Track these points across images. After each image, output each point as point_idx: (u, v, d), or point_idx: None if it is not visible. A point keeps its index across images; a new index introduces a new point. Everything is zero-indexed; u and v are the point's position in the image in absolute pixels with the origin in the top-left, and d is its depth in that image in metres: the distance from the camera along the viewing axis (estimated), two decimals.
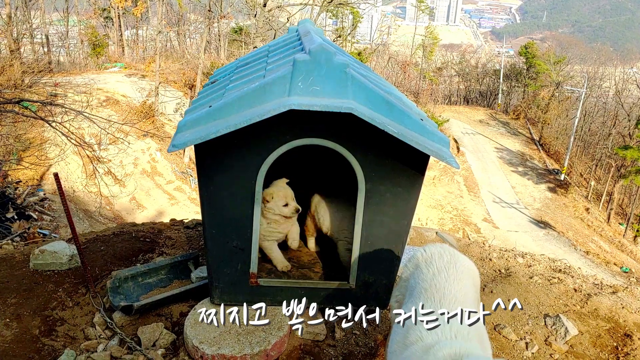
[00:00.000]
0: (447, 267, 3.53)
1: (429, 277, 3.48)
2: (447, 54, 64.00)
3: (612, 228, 35.50)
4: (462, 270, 3.55)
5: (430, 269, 3.55)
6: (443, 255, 3.66)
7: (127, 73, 37.19)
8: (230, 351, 4.44)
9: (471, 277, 3.61)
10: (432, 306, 3.21)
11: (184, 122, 4.18)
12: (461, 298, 3.29)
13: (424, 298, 3.31)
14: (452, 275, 3.45)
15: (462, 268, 3.58)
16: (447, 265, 3.54)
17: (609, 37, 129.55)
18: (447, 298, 3.26)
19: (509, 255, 6.92)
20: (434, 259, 3.64)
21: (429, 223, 30.86)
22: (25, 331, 4.81)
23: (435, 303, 3.24)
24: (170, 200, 26.15)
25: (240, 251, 4.79)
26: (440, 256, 3.65)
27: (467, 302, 3.28)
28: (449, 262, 3.58)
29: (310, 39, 4.88)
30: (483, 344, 3.13)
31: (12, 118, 17.55)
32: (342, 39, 44.63)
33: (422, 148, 4.10)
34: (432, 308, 3.19)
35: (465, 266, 3.65)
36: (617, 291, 6.04)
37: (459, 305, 3.19)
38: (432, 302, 3.25)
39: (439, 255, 3.66)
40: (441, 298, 3.26)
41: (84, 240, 6.59)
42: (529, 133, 47.89)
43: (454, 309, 3.13)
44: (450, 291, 3.31)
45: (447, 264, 3.56)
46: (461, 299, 3.27)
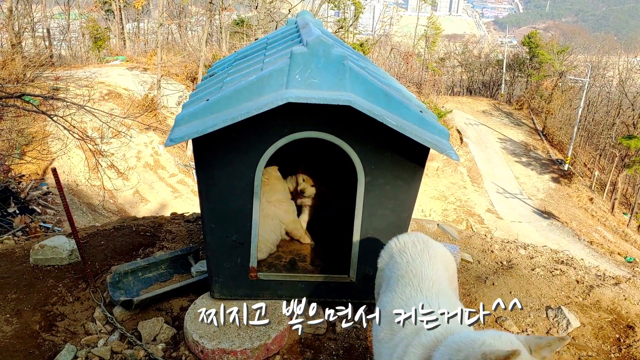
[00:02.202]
0: (420, 254, 3.62)
1: (404, 264, 3.57)
2: (449, 44, 63.68)
3: (616, 218, 35.37)
4: (434, 255, 3.63)
5: (404, 257, 3.63)
6: (416, 244, 3.73)
7: (128, 66, 37.11)
8: (231, 345, 4.43)
9: (444, 262, 3.68)
10: (412, 291, 3.31)
11: (182, 116, 4.15)
12: (437, 281, 3.39)
13: (402, 284, 3.40)
14: (426, 261, 3.54)
15: (435, 254, 3.66)
16: (421, 252, 3.63)
17: (613, 26, 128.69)
18: (425, 282, 3.36)
19: (511, 247, 6.89)
20: (408, 247, 3.72)
21: (432, 214, 30.80)
22: (26, 326, 4.81)
23: (414, 287, 3.34)
24: (173, 194, 26.15)
25: (239, 245, 4.77)
26: (414, 244, 3.73)
27: (442, 285, 3.40)
28: (422, 249, 3.66)
29: (308, 30, 4.83)
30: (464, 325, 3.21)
31: (14, 112, 17.52)
32: (344, 30, 44.41)
33: (421, 140, 4.07)
34: (412, 293, 3.30)
35: (438, 252, 3.72)
36: (619, 282, 6.00)
37: (437, 287, 3.32)
38: (412, 287, 3.35)
39: (412, 244, 3.74)
40: (419, 282, 3.36)
41: (85, 234, 6.58)
42: (533, 123, 47.68)
43: (432, 292, 3.27)
44: (427, 275, 3.41)
45: (420, 251, 3.65)
46: (437, 282, 3.38)
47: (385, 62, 47.09)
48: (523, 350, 2.51)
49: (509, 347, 2.51)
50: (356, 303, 5.14)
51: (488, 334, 2.65)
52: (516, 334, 2.69)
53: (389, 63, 47.87)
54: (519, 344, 2.58)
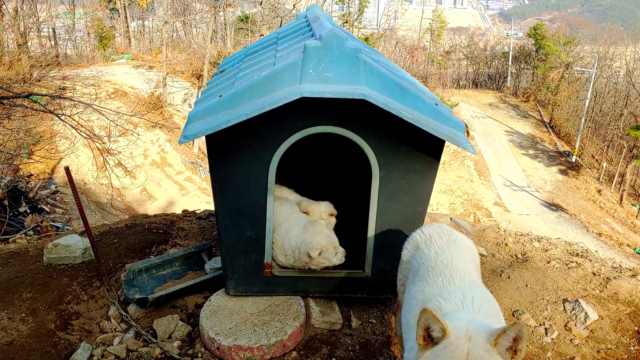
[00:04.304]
0: (447, 245, 3.61)
1: (432, 255, 3.56)
2: (455, 37, 63.48)
3: (625, 209, 35.20)
4: (462, 247, 3.63)
5: (432, 248, 3.62)
6: (442, 235, 3.72)
7: (134, 64, 37.18)
8: (247, 342, 4.41)
9: (470, 254, 3.68)
10: (445, 282, 3.30)
11: (195, 113, 4.12)
12: (468, 273, 3.38)
13: (434, 275, 3.38)
14: (454, 252, 3.53)
15: (462, 245, 3.65)
16: (448, 244, 3.62)
17: (619, 16, 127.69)
18: (457, 273, 3.34)
19: (525, 240, 6.84)
20: (434, 238, 3.71)
21: (439, 208, 30.75)
22: (41, 325, 4.80)
23: (446, 278, 3.32)
24: (180, 191, 26.20)
25: (254, 242, 4.75)
26: (439, 236, 3.72)
27: (472, 276, 3.38)
28: (448, 240, 3.66)
29: (320, 24, 4.79)
30: (498, 318, 3.20)
31: (22, 112, 17.54)
32: (348, 24, 44.33)
33: (437, 133, 4.03)
34: (445, 283, 3.28)
35: (464, 243, 3.72)
36: (636, 274, 5.94)
37: (468, 279, 3.30)
38: (444, 278, 3.33)
39: (437, 235, 3.73)
40: (451, 273, 3.34)
41: (97, 233, 6.58)
42: (539, 115, 47.49)
43: (465, 283, 3.25)
44: (457, 266, 3.39)
45: (447, 242, 3.64)
46: (469, 274, 3.37)
47: (391, 56, 46.96)
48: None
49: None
50: (372, 298, 5.15)
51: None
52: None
53: (394, 57, 47.74)
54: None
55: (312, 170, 6.16)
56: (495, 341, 2.45)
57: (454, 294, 3.12)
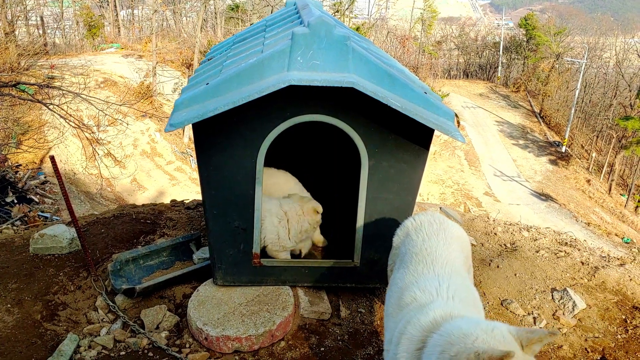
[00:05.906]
0: (436, 233, 3.63)
1: (419, 242, 3.57)
2: (446, 27, 63.35)
3: (614, 199, 35.46)
4: (450, 236, 3.64)
5: (420, 235, 3.64)
6: (432, 223, 3.74)
7: (123, 54, 36.87)
8: (235, 332, 4.38)
9: (460, 243, 3.68)
10: (425, 268, 3.31)
11: (181, 101, 4.06)
12: (451, 261, 3.39)
13: (416, 262, 3.41)
14: (441, 241, 3.55)
15: (451, 234, 3.66)
16: (437, 232, 3.64)
17: (610, 7, 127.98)
18: (438, 261, 3.36)
19: (514, 229, 6.84)
20: (424, 226, 3.73)
21: (430, 198, 30.81)
22: (27, 316, 4.75)
23: (427, 265, 3.34)
24: (171, 181, 26.06)
25: (242, 231, 4.71)
26: (430, 223, 3.74)
27: (456, 265, 3.39)
28: (438, 229, 3.68)
29: (308, 11, 4.74)
30: (476, 307, 3.21)
31: (10, 101, 17.38)
32: (339, 14, 44.06)
33: (426, 122, 4.00)
34: (424, 270, 3.30)
35: (454, 232, 3.73)
36: (624, 263, 5.97)
37: (450, 267, 3.32)
38: (424, 265, 3.35)
39: (428, 223, 3.75)
40: (433, 260, 3.36)
41: (84, 223, 6.52)
42: (530, 106, 47.61)
43: (445, 271, 3.27)
44: (441, 254, 3.41)
45: (436, 230, 3.66)
46: (451, 262, 3.38)
47: (382, 45, 46.79)
48: (516, 350, 2.46)
49: (502, 342, 2.47)
50: (360, 287, 5.14)
51: (481, 327, 2.59)
52: (507, 325, 2.62)
53: (385, 47, 47.57)
54: (511, 338, 2.52)
55: (302, 160, 6.12)
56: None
57: (429, 282, 3.13)
